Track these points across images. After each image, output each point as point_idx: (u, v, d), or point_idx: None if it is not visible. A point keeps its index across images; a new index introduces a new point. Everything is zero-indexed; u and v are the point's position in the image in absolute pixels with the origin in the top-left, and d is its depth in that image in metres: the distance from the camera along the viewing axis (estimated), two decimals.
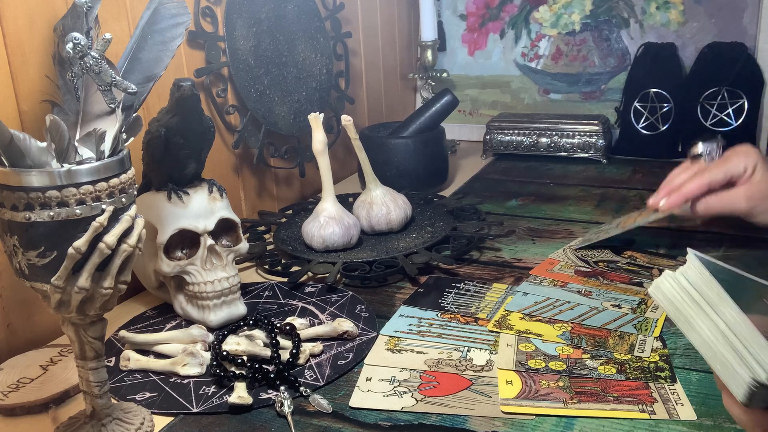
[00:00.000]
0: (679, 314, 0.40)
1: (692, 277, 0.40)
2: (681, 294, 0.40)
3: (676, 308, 0.41)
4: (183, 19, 0.68)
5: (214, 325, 0.76)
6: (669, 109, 1.36)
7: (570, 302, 0.79)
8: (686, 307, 0.40)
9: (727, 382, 0.39)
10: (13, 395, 0.64)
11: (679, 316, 0.40)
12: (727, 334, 0.38)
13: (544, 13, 1.50)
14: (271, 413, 0.62)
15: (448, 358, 0.69)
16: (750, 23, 1.34)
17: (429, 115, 1.23)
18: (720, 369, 0.39)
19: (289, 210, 1.12)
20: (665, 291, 0.41)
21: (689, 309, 0.40)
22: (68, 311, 0.52)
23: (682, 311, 0.40)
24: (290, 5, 1.14)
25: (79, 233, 0.50)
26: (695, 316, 0.39)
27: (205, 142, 0.78)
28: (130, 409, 0.61)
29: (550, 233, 1.01)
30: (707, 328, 0.39)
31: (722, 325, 0.38)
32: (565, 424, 0.58)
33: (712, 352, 0.39)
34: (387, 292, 0.85)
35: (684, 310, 0.40)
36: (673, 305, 0.41)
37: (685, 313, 0.40)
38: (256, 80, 1.08)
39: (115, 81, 0.55)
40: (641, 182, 1.24)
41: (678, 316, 0.41)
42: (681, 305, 0.40)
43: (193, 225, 0.76)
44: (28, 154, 0.49)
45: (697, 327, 0.40)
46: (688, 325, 0.40)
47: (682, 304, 0.40)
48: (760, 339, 0.36)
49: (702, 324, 0.39)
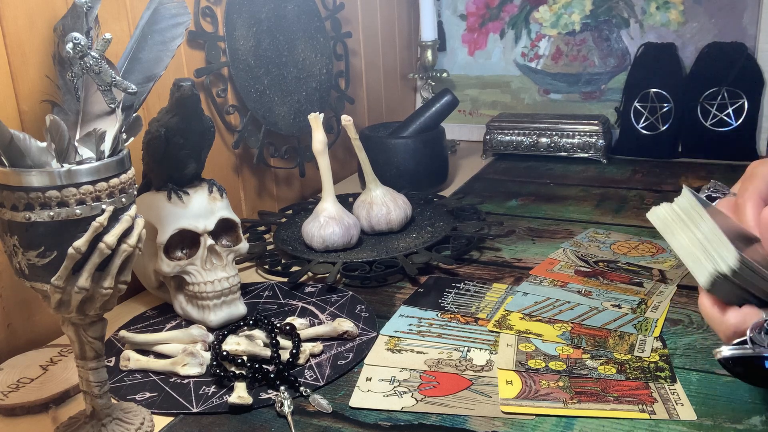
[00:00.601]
0: (666, 228, 0.49)
1: (681, 203, 0.49)
2: (671, 214, 0.49)
3: (665, 224, 0.50)
4: (183, 19, 0.68)
5: (214, 325, 0.76)
6: (669, 109, 1.36)
7: (570, 302, 0.79)
8: (673, 223, 0.49)
9: (696, 275, 0.48)
10: (13, 395, 0.64)
11: (666, 229, 0.49)
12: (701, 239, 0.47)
13: (544, 13, 1.50)
14: (271, 413, 0.62)
15: (448, 358, 0.69)
16: (750, 23, 1.34)
17: (429, 115, 1.23)
18: (691, 264, 0.48)
19: (289, 210, 1.12)
20: (658, 213, 0.50)
21: (675, 224, 0.49)
22: (68, 311, 0.52)
23: (669, 226, 0.49)
24: (290, 5, 1.14)
25: (79, 233, 0.50)
26: (679, 229, 0.49)
27: (205, 142, 0.78)
28: (130, 409, 0.61)
29: (550, 233, 1.02)
30: (686, 237, 0.48)
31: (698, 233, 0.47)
32: (565, 424, 0.58)
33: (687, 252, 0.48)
34: (387, 292, 0.85)
35: (671, 225, 0.49)
36: (663, 222, 0.50)
37: (672, 227, 0.49)
38: (256, 80, 1.08)
39: (115, 81, 0.55)
40: (641, 182, 1.24)
41: (665, 230, 0.50)
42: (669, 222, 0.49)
43: (193, 225, 0.76)
44: (28, 154, 0.49)
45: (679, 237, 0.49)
46: (672, 236, 0.49)
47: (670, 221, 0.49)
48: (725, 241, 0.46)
49: (683, 234, 0.48)
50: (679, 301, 0.79)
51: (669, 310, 0.76)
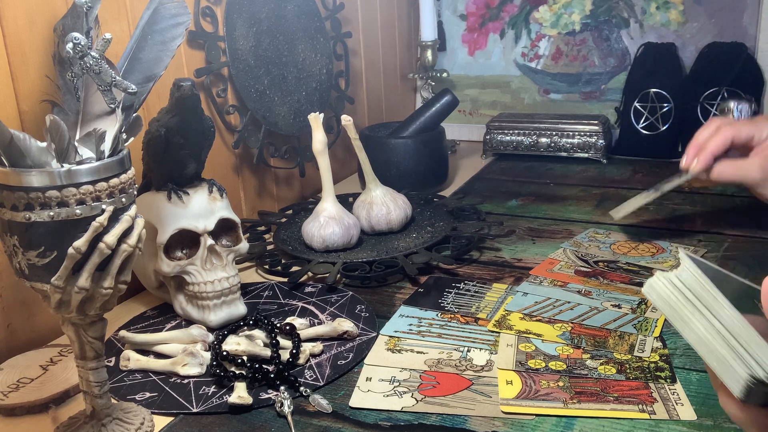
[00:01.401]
0: (675, 314, 0.40)
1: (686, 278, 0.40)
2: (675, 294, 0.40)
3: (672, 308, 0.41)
4: (183, 19, 0.68)
5: (214, 325, 0.76)
6: (669, 109, 1.36)
7: (570, 302, 0.79)
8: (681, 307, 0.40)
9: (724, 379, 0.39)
10: (13, 395, 0.64)
11: (674, 315, 0.41)
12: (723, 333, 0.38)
13: (544, 13, 1.50)
14: (271, 413, 0.62)
15: (448, 358, 0.69)
16: (750, 23, 1.34)
17: (429, 115, 1.23)
18: (717, 366, 0.39)
19: (289, 210, 1.12)
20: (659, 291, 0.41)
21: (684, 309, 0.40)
22: (68, 311, 0.52)
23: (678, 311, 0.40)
24: (290, 5, 1.14)
25: (79, 233, 0.50)
26: (691, 315, 0.40)
27: (205, 142, 0.78)
28: (130, 409, 0.61)
29: (550, 233, 1.02)
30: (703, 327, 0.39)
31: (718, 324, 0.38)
32: (565, 424, 0.58)
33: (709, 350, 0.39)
34: (387, 292, 0.85)
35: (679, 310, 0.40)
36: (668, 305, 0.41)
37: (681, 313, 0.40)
38: (256, 80, 1.08)
39: (115, 81, 0.55)
40: (641, 182, 1.24)
41: (674, 316, 0.41)
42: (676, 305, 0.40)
43: (193, 225, 0.76)
44: (28, 154, 0.49)
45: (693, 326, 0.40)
46: (684, 324, 0.40)
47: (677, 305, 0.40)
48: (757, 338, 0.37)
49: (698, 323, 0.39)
50: None
51: None
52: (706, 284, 0.39)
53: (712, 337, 0.39)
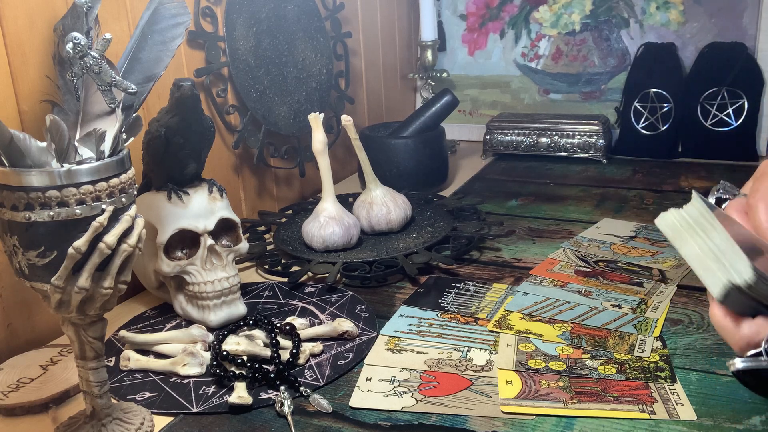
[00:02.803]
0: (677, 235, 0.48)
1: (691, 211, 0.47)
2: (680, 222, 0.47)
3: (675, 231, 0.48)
4: (183, 19, 0.68)
5: (214, 325, 0.76)
6: (669, 109, 1.36)
7: (570, 302, 0.79)
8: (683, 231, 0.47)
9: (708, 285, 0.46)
10: (13, 395, 0.64)
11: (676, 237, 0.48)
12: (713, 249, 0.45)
13: (544, 13, 1.50)
14: (271, 413, 0.62)
15: (448, 358, 0.69)
16: (750, 23, 1.34)
17: (429, 115, 1.23)
18: (704, 274, 0.46)
19: (289, 210, 1.12)
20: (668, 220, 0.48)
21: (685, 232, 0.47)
22: (68, 311, 0.52)
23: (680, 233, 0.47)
24: (290, 5, 1.14)
25: (79, 233, 0.50)
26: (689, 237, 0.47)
27: (205, 142, 0.78)
28: (130, 409, 0.61)
29: (550, 233, 1.01)
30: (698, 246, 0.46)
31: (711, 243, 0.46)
32: (565, 424, 0.58)
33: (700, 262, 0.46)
34: (387, 292, 0.85)
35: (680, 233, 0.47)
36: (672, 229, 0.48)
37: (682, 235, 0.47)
38: (256, 80, 1.08)
39: (115, 81, 0.55)
40: (641, 182, 1.24)
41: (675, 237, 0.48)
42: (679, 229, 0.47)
43: (193, 225, 0.76)
44: (28, 154, 0.49)
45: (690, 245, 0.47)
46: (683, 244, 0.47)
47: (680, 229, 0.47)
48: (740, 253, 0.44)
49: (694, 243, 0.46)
50: (679, 301, 0.79)
51: (669, 310, 0.76)
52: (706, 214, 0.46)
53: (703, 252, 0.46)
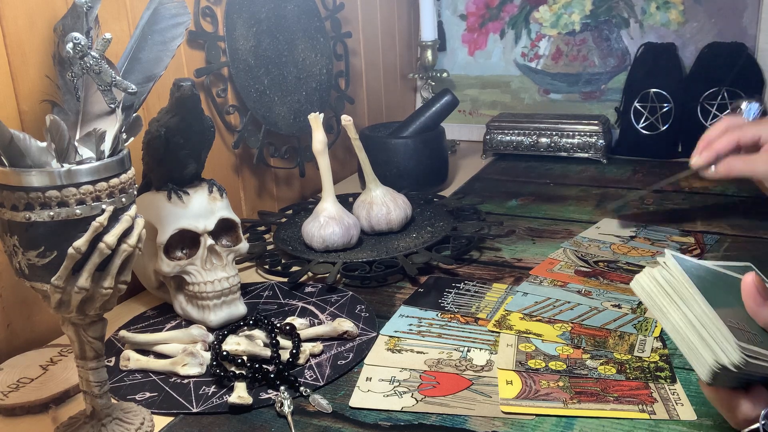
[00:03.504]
0: (654, 305, 0.46)
1: (666, 275, 0.45)
2: (656, 288, 0.45)
3: (652, 300, 0.46)
4: (183, 19, 0.68)
5: (214, 325, 0.76)
6: (669, 109, 1.36)
7: (570, 302, 0.79)
8: (660, 299, 0.45)
9: (693, 365, 0.44)
10: (13, 395, 0.64)
11: (653, 306, 0.46)
12: (695, 323, 0.43)
13: (544, 13, 1.50)
14: (271, 413, 0.62)
15: (448, 358, 0.69)
16: (750, 23, 1.34)
17: (429, 115, 1.23)
18: (688, 353, 0.44)
19: (289, 210, 1.12)
20: (643, 285, 0.47)
21: (663, 300, 0.45)
22: (68, 311, 0.52)
23: (657, 303, 0.46)
24: (290, 5, 1.14)
25: (79, 233, 0.50)
26: (668, 306, 0.45)
27: (205, 142, 0.78)
28: (130, 409, 0.61)
29: (550, 233, 1.01)
30: (678, 318, 0.44)
31: (691, 316, 0.43)
32: (565, 424, 0.58)
33: (681, 338, 0.45)
34: (387, 292, 0.85)
35: (658, 302, 0.45)
36: (649, 297, 0.46)
37: (659, 305, 0.45)
38: (256, 80, 1.08)
39: (115, 81, 0.55)
40: (641, 182, 1.24)
41: (653, 306, 0.46)
42: (656, 298, 0.46)
43: (193, 225, 0.76)
44: (28, 154, 0.49)
45: (669, 316, 0.45)
46: (662, 314, 0.46)
47: (657, 297, 0.46)
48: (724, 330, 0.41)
49: (674, 314, 0.45)
50: None
51: None
52: (683, 280, 0.44)
53: (685, 327, 0.44)
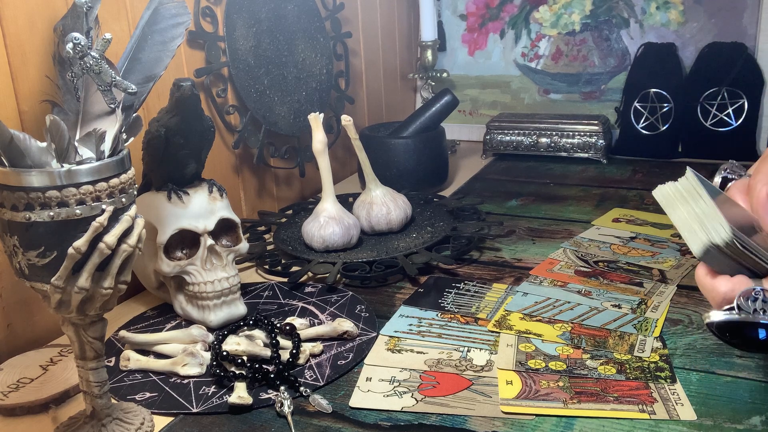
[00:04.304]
0: (669, 203, 0.53)
1: (685, 183, 0.53)
2: (673, 191, 0.53)
3: (667, 199, 0.53)
4: (183, 19, 0.68)
5: (214, 325, 0.76)
6: (669, 109, 1.36)
7: (570, 302, 0.79)
8: (674, 199, 0.53)
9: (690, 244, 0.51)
10: (13, 395, 0.64)
11: (668, 204, 0.53)
12: (698, 214, 0.51)
13: (544, 13, 1.50)
14: (271, 413, 0.62)
15: (448, 358, 0.69)
16: (750, 23, 1.34)
17: (429, 115, 1.23)
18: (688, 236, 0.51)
19: (289, 210, 1.12)
20: (663, 190, 0.54)
21: (676, 200, 0.53)
22: (68, 311, 0.52)
23: (671, 201, 0.53)
24: (290, 5, 1.14)
25: (79, 233, 0.50)
26: (679, 204, 0.52)
27: (205, 142, 0.78)
28: (130, 409, 0.61)
29: (550, 233, 1.01)
30: (686, 211, 0.52)
31: (697, 209, 0.51)
32: (565, 424, 0.58)
33: (686, 225, 0.51)
34: (387, 292, 0.85)
35: (672, 201, 0.53)
36: (665, 198, 0.53)
37: (673, 203, 0.53)
38: (256, 80, 1.08)
39: (115, 81, 0.55)
40: (641, 182, 1.24)
41: (667, 204, 0.53)
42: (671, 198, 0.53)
43: (193, 225, 0.76)
44: (28, 154, 0.49)
45: (678, 211, 0.52)
46: (673, 210, 0.53)
47: (672, 197, 0.53)
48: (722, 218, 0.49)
49: (683, 209, 0.52)
50: (679, 301, 0.78)
51: (669, 310, 0.76)
52: (696, 186, 0.52)
53: (689, 217, 0.51)
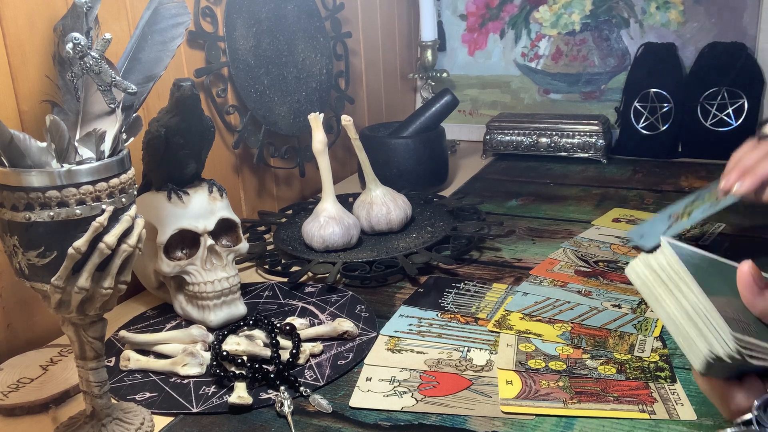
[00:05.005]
0: (649, 293, 0.44)
1: (662, 261, 0.44)
2: (651, 275, 0.44)
3: (647, 287, 0.45)
4: (183, 19, 0.68)
5: (214, 325, 0.76)
6: (669, 109, 1.36)
7: (570, 302, 0.79)
8: (655, 287, 0.44)
9: (687, 355, 0.43)
10: (13, 395, 0.64)
11: (649, 294, 0.44)
12: (690, 312, 0.42)
13: (544, 13, 1.50)
14: (271, 413, 0.62)
15: (448, 358, 0.69)
16: (750, 23, 1.34)
17: (429, 115, 1.23)
18: (682, 342, 0.43)
19: (289, 210, 1.12)
20: (638, 271, 0.45)
21: (658, 289, 0.44)
22: (68, 311, 0.52)
23: (652, 290, 0.44)
24: (290, 5, 1.14)
25: (79, 233, 0.50)
26: (663, 295, 0.44)
27: (205, 142, 0.78)
28: (130, 409, 0.61)
29: (550, 233, 1.01)
30: (673, 306, 0.43)
31: (686, 304, 0.42)
32: (565, 424, 0.58)
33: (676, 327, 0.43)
34: (387, 292, 0.85)
35: (653, 290, 0.44)
36: (644, 284, 0.45)
37: (655, 293, 0.44)
38: (256, 80, 1.08)
39: (115, 81, 0.55)
40: (641, 182, 1.24)
41: (648, 294, 0.45)
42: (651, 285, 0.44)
43: (193, 225, 0.76)
44: (28, 154, 0.49)
45: (664, 305, 0.44)
46: (657, 303, 0.44)
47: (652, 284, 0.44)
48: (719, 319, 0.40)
49: (669, 302, 0.43)
50: None
51: None
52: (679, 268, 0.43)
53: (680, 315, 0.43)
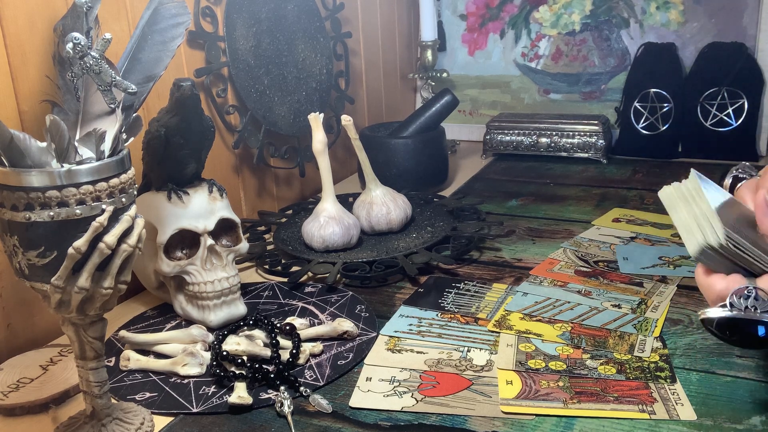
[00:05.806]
0: (671, 204, 0.56)
1: (687, 184, 0.56)
2: (675, 192, 0.56)
3: (669, 200, 0.56)
4: (183, 19, 0.68)
5: (214, 325, 0.76)
6: (669, 109, 1.36)
7: (570, 302, 0.79)
8: (676, 199, 0.56)
9: (687, 244, 0.54)
10: (13, 395, 0.64)
11: (670, 205, 0.56)
12: (697, 215, 0.53)
13: (544, 13, 1.50)
14: (271, 413, 0.62)
15: (448, 358, 0.69)
16: (750, 23, 1.34)
17: (429, 115, 1.23)
18: (685, 236, 0.54)
19: (289, 210, 1.12)
20: (666, 191, 0.57)
21: (678, 201, 0.56)
22: (68, 311, 0.52)
23: (672, 202, 0.56)
24: (290, 5, 1.14)
25: (79, 233, 0.50)
26: (681, 204, 0.55)
27: (205, 142, 0.78)
28: (130, 409, 0.61)
29: (550, 233, 1.01)
30: (686, 212, 0.55)
31: (696, 210, 0.53)
32: (565, 424, 0.58)
33: (685, 225, 0.54)
34: (387, 292, 0.85)
35: (673, 201, 0.56)
36: (668, 198, 0.56)
37: (675, 204, 0.56)
38: (256, 80, 1.08)
39: (115, 81, 0.55)
40: (641, 182, 1.24)
41: (670, 205, 0.56)
42: (673, 198, 0.56)
43: (193, 225, 0.76)
44: (28, 154, 0.49)
45: (679, 212, 0.55)
46: (674, 211, 0.56)
47: (674, 198, 0.56)
48: (717, 220, 0.51)
49: (683, 210, 0.55)
50: (679, 301, 0.78)
51: (669, 310, 0.76)
52: (698, 188, 0.54)
53: (689, 217, 0.54)
